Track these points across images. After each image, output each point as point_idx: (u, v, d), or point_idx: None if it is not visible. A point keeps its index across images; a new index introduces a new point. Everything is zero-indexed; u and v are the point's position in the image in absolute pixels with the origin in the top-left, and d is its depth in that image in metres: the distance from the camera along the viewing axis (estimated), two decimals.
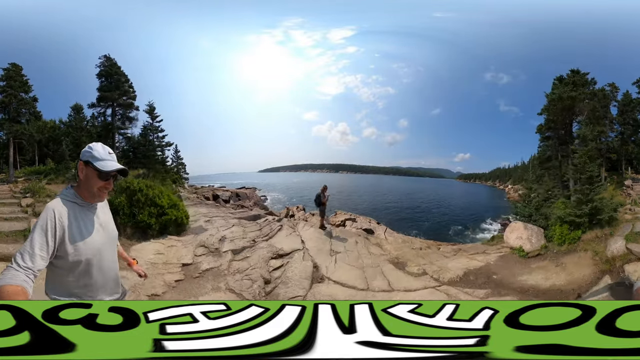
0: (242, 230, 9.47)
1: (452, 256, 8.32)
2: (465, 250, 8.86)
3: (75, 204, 1.58)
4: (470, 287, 5.80)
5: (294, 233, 9.53)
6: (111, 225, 1.76)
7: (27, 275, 1.32)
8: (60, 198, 1.57)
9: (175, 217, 8.40)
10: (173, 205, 8.61)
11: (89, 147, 1.62)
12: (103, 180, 1.59)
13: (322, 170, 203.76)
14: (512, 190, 35.54)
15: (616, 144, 12.04)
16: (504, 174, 52.49)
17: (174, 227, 8.45)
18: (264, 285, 6.07)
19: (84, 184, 1.60)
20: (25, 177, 12.29)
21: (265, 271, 6.59)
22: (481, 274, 6.38)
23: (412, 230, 20.18)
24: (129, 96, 14.39)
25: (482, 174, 70.65)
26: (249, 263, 6.92)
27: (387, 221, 21.41)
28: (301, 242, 8.67)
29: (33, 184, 10.04)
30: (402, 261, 7.78)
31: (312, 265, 7.08)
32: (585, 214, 6.28)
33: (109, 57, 14.49)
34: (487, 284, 5.87)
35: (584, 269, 5.29)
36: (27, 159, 16.01)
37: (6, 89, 12.63)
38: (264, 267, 6.75)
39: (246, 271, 6.50)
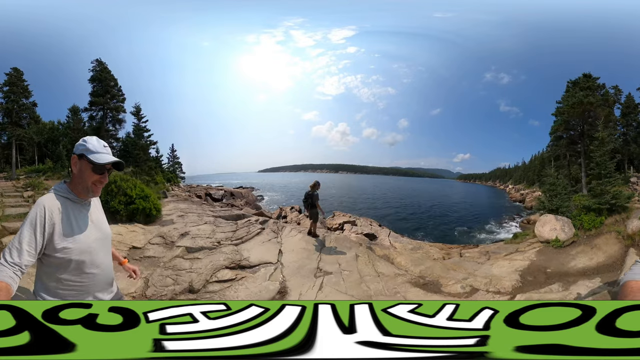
0: (212, 229, 8.63)
1: (485, 261, 7.40)
2: (493, 252, 8.18)
3: (68, 199, 1.51)
4: (542, 287, 5.49)
5: (275, 239, 7.95)
6: (105, 223, 1.69)
7: (14, 271, 1.28)
8: (53, 193, 1.50)
9: (143, 207, 9.18)
10: (143, 197, 9.38)
11: (83, 140, 1.55)
12: (98, 173, 1.52)
13: (322, 170, 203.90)
14: (513, 190, 35.55)
15: (619, 145, 12.55)
16: (504, 174, 52.65)
17: (142, 217, 9.21)
18: (184, 291, 5.23)
19: (78, 178, 1.53)
20: (26, 175, 13.18)
21: (202, 280, 5.51)
22: (535, 272, 6.20)
23: (417, 233, 19.63)
24: (118, 100, 15.22)
25: (482, 174, 70.98)
26: (193, 264, 6.15)
27: (388, 222, 21.19)
28: (278, 252, 7.07)
29: (33, 180, 10.99)
30: (432, 280, 6.09)
31: (277, 289, 5.35)
32: (606, 201, 7.50)
33: (101, 61, 15.24)
34: (551, 279, 5.77)
35: (613, 247, 6.27)
36: (27, 158, 16.92)
37: (9, 94, 13.60)
38: (205, 275, 5.69)
39: (181, 271, 5.86)
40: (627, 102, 15.88)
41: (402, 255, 7.71)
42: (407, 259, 7.45)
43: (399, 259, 7.41)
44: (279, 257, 6.80)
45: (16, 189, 10.45)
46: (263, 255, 6.84)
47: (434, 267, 6.85)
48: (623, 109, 15.65)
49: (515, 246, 8.26)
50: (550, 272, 6.08)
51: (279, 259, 6.72)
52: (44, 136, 17.25)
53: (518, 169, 41.96)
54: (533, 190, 27.45)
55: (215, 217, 10.34)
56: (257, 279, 5.69)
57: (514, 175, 42.72)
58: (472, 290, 5.64)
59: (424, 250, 8.88)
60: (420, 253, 8.41)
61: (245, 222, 9.60)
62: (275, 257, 6.81)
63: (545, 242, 7.48)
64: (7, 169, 14.23)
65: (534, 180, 30.12)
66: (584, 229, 7.32)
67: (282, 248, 7.36)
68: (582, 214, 7.66)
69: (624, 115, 15.47)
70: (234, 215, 11.18)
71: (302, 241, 7.83)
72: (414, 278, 6.14)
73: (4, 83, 13.72)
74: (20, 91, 13.99)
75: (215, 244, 7.33)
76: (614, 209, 7.40)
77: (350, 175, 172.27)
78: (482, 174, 72.56)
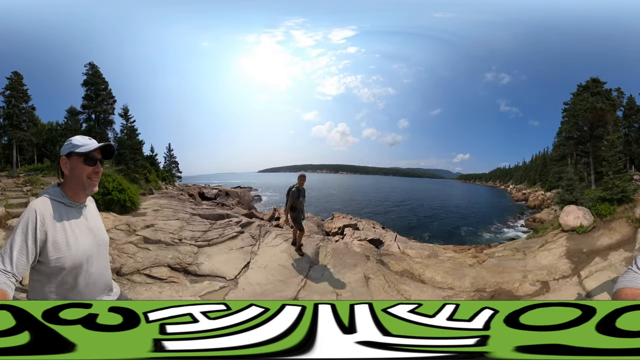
0: (181, 226, 8.22)
1: (524, 256, 7.47)
2: (523, 248, 8.29)
3: (62, 204, 1.42)
4: (590, 262, 6.27)
5: (250, 247, 6.62)
6: (102, 229, 1.61)
7: (9, 278, 1.23)
8: (45, 196, 1.41)
9: (118, 199, 10.24)
10: (120, 190, 10.46)
11: (67, 141, 1.48)
12: (90, 165, 1.45)
13: (322, 170, 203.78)
14: (514, 190, 35.49)
15: (621, 145, 13.35)
16: (505, 174, 52.64)
17: (118, 207, 10.21)
18: (113, 270, 4.75)
19: (71, 178, 1.45)
20: (25, 173, 14.37)
21: (134, 268, 5.34)
22: (575, 254, 6.96)
23: (423, 234, 18.94)
24: (108, 103, 16.21)
25: (482, 174, 70.96)
26: (139, 253, 5.96)
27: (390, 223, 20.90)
28: (244, 266, 5.75)
29: (31, 177, 12.34)
30: (495, 289, 5.39)
31: None
32: (618, 193, 8.90)
33: (93, 64, 16.18)
34: (590, 257, 6.62)
35: (626, 228, 7.61)
36: (27, 158, 17.83)
37: (10, 99, 14.76)
38: (141, 264, 5.50)
39: (124, 254, 5.89)
40: (629, 104, 16.56)
41: (429, 268, 6.47)
42: (438, 270, 6.35)
43: (428, 273, 6.16)
44: (241, 273, 5.43)
45: (16, 185, 11.65)
46: (222, 265, 5.68)
47: (481, 274, 6.11)
48: (625, 111, 16.35)
49: (540, 239, 8.75)
50: (586, 252, 7.00)
51: (239, 275, 5.34)
52: (42, 137, 18.18)
53: (519, 169, 41.91)
54: (535, 190, 27.41)
55: (192, 215, 10.01)
56: (186, 290, 4.95)
57: (515, 175, 42.65)
58: (542, 284, 5.63)
59: (448, 256, 8.19)
60: (447, 260, 7.56)
61: (223, 223, 8.85)
62: (235, 271, 5.50)
63: (570, 230, 8.40)
64: (8, 168, 15.16)
65: (536, 180, 30.05)
66: (600, 216, 8.57)
67: (253, 260, 6.01)
68: (597, 204, 8.99)
69: (626, 117, 16.19)
70: (215, 214, 10.61)
71: (285, 254, 6.28)
72: (472, 294, 5.18)
73: (6, 87, 14.71)
74: (20, 95, 15.00)
75: (176, 241, 6.85)
76: (622, 200, 8.84)
77: (350, 176, 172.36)
78: (482, 174, 72.50)
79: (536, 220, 17.31)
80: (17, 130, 14.91)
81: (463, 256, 8.63)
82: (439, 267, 6.77)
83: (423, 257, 8.07)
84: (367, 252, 7.59)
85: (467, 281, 5.85)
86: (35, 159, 17.85)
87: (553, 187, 21.85)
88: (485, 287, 5.65)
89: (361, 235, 10.20)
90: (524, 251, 8.00)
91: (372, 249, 8.48)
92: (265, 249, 6.66)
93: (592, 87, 13.31)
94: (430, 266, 6.81)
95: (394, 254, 8.01)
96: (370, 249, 8.48)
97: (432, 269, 6.57)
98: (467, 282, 5.80)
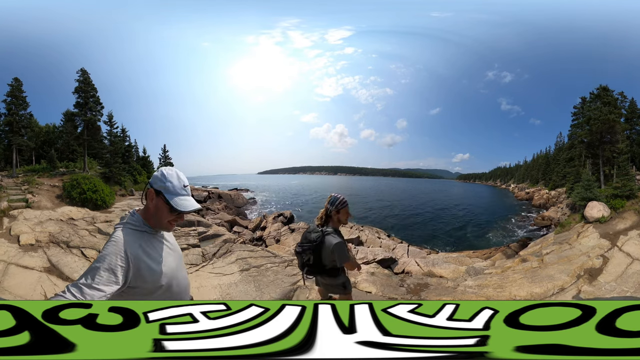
0: None
1: (568, 247, 8.79)
2: (559, 242, 9.65)
3: (145, 232, 1.46)
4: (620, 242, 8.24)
5: (187, 269, 3.71)
6: (176, 243, 1.66)
7: None
8: (128, 228, 1.42)
9: (91, 198, 12.99)
10: (94, 190, 13.21)
11: (162, 175, 1.45)
12: (174, 213, 1.46)
13: (321, 172, 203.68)
14: (516, 189, 35.39)
15: (626, 148, 14.70)
16: (505, 174, 52.58)
17: (91, 204, 12.91)
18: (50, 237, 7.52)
19: (153, 214, 1.47)
20: (24, 173, 15.75)
21: (49, 241, 7.61)
22: (607, 236, 9.00)
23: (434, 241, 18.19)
24: (95, 110, 17.22)
25: (482, 174, 70.85)
26: (76, 237, 7.62)
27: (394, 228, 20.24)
28: None
29: (28, 177, 14.31)
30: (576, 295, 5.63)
31: None
32: (627, 190, 10.97)
33: (85, 70, 16.95)
34: (617, 236, 8.76)
35: (635, 217, 9.77)
36: (26, 158, 19.19)
37: (11, 106, 15.99)
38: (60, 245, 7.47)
39: (69, 233, 7.79)
40: (630, 107, 17.49)
41: (485, 289, 4.98)
42: (510, 286, 5.42)
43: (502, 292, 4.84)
44: None
45: (16, 184, 13.44)
46: None
47: (557, 269, 6.93)
48: (627, 114, 17.24)
49: (571, 231, 10.59)
50: (612, 233, 9.21)
51: None
52: (40, 139, 19.84)
53: (520, 168, 41.79)
54: (539, 189, 27.35)
55: None
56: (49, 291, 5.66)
57: (516, 174, 42.56)
58: (601, 256, 7.44)
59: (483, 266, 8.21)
60: (494, 275, 6.89)
61: (184, 232, 8.41)
62: None
63: (594, 220, 10.35)
64: (8, 169, 16.47)
65: (538, 179, 29.94)
66: (614, 208, 10.65)
67: None
68: (611, 200, 11.01)
69: (627, 120, 17.17)
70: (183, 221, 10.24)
71: (229, 289, 4.55)
72: (581, 283, 5.66)
73: (7, 94, 15.93)
74: (20, 103, 16.15)
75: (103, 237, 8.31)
76: (629, 196, 10.94)
77: (349, 177, 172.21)
78: (482, 174, 72.37)
79: (545, 218, 18.16)
80: (17, 137, 16.18)
81: (502, 263, 9.19)
82: (492, 292, 5.24)
83: (460, 274, 7.02)
84: (384, 289, 5.57)
85: (557, 281, 6.32)
86: (33, 160, 19.13)
87: (557, 186, 21.92)
88: (576, 273, 6.77)
89: (367, 254, 8.31)
90: (567, 242, 9.71)
91: (389, 277, 6.54)
92: (205, 275, 5.03)
93: (603, 95, 14.59)
94: (484, 287, 5.48)
95: (420, 280, 6.31)
96: (388, 277, 6.39)
97: (491, 289, 5.34)
98: (559, 282, 6.29)
